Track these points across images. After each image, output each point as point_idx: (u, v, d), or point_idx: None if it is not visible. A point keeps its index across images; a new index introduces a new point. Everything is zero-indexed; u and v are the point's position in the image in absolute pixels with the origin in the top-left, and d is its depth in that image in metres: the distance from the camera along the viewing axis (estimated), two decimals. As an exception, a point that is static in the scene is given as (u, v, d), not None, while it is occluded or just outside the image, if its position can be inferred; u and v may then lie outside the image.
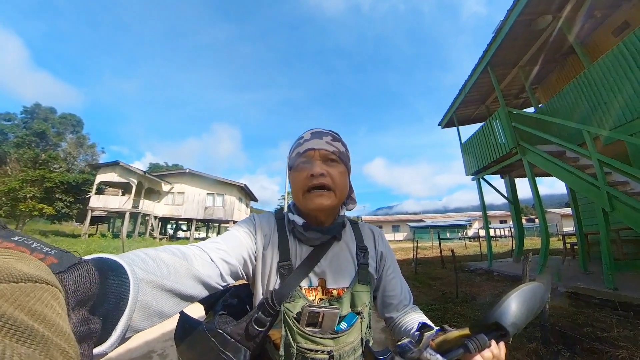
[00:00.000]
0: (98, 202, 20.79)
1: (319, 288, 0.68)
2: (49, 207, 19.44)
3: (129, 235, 19.62)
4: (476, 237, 21.98)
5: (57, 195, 20.68)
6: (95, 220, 25.66)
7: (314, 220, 0.71)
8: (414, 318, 0.71)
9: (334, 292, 0.68)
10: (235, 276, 0.62)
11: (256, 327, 0.61)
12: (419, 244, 10.55)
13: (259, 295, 0.67)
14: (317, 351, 0.60)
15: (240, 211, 25.19)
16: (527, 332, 2.81)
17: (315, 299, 0.67)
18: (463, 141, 8.16)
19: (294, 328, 0.61)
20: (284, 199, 47.14)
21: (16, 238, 0.23)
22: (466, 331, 0.49)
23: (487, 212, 7.67)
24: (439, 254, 9.24)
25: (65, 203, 21.17)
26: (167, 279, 0.41)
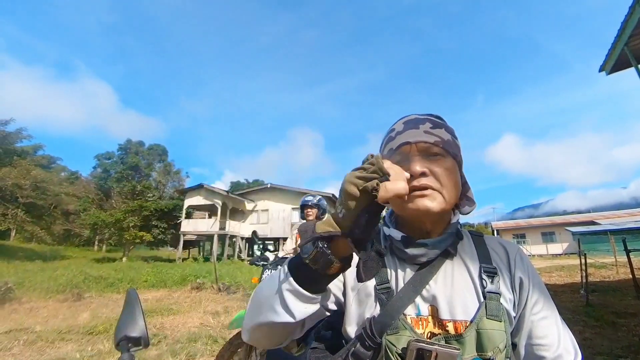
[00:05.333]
0: (188, 227, 25.62)
1: (430, 318, 0.66)
2: (147, 234, 25.27)
3: (218, 258, 23.10)
4: (702, 244, 17.06)
5: (153, 223, 26.58)
6: (187, 245, 31.17)
7: (417, 231, 0.70)
8: None
9: (450, 325, 0.65)
10: (319, 317, 0.70)
11: None
12: (590, 260, 8.96)
13: (353, 325, 0.70)
14: None
15: (330, 226, 26.19)
16: None
17: (425, 333, 0.65)
18: (652, 92, 6.59)
19: None
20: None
21: None
22: None
23: None
24: (630, 275, 7.74)
25: (161, 229, 26.98)
26: None
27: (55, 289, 8.52)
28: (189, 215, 27.44)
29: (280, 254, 3.32)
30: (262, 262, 2.96)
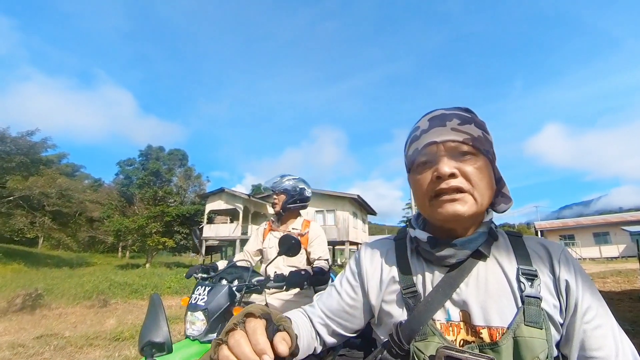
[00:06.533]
0: (210, 232, 26.36)
1: (461, 324, 0.66)
2: (170, 240, 26.30)
3: (241, 266, 23.60)
4: None
5: (175, 228, 27.61)
6: (209, 250, 32.07)
7: (446, 233, 0.70)
8: None
9: (484, 332, 0.63)
10: (340, 334, 0.77)
11: None
12: (650, 263, 8.43)
13: (382, 331, 0.72)
14: None
15: (357, 229, 26.15)
16: None
17: (456, 340, 0.65)
18: None
19: None
20: (409, 207, 46.20)
21: None
22: None
23: None
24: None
25: (183, 235, 27.90)
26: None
27: (82, 295, 9.00)
28: (210, 220, 28.26)
29: (237, 257, 2.66)
30: (201, 275, 2.16)
